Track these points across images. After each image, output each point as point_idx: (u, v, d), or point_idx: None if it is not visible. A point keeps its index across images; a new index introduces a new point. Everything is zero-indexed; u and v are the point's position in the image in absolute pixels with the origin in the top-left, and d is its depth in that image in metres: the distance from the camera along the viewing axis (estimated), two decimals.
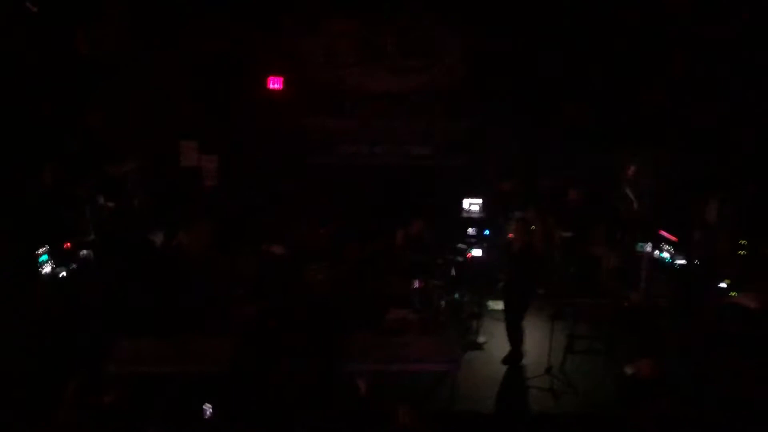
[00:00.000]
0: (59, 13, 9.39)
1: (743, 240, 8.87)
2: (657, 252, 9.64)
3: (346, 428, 5.26)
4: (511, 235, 8.70)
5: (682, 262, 9.28)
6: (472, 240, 10.84)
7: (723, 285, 8.62)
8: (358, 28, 11.23)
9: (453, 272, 9.70)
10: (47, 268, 8.14)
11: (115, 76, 10.29)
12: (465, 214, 11.16)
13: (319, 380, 6.35)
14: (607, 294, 10.05)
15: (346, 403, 5.78)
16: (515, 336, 8.17)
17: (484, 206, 11.12)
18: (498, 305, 9.19)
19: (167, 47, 10.56)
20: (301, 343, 7.24)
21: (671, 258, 9.38)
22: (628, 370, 7.59)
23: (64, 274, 8.35)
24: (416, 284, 9.12)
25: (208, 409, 5.25)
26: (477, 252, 10.32)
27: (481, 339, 8.65)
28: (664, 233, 9.72)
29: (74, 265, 8.57)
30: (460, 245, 10.42)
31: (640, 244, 9.80)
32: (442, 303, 9.11)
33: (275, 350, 7.13)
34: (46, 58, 9.21)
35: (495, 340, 8.59)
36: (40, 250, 8.11)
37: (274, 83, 11.16)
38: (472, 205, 11.11)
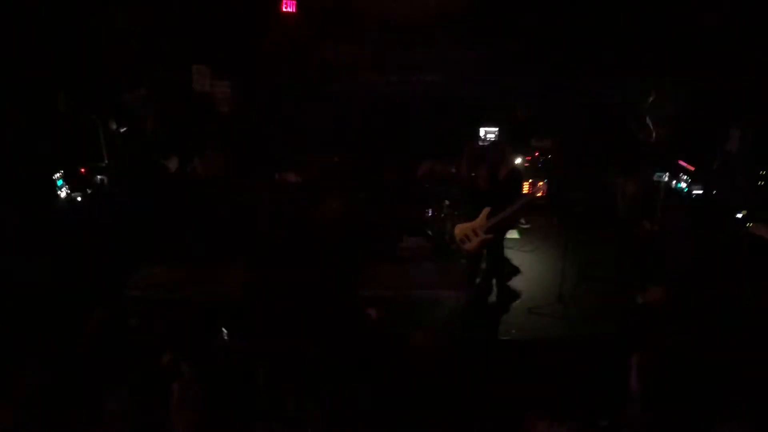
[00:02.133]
0: None
1: (763, 170, 8.73)
2: (674, 181, 9.51)
3: (357, 354, 5.36)
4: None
5: (700, 191, 9.16)
6: None
7: (739, 215, 8.54)
8: None
9: None
10: (63, 193, 8.22)
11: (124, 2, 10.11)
12: (481, 143, 11.01)
13: (332, 307, 6.44)
14: (622, 223, 10.02)
15: (357, 330, 5.88)
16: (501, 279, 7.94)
17: (500, 135, 10.95)
18: (512, 233, 9.20)
19: None
20: (314, 270, 7.31)
21: (688, 187, 9.26)
22: (640, 298, 7.67)
23: (79, 198, 8.44)
24: (430, 212, 9.13)
25: (224, 334, 5.35)
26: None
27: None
28: (682, 162, 9.58)
29: (89, 190, 8.65)
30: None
31: (658, 173, 9.67)
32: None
33: (289, 277, 7.21)
34: None
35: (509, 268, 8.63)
36: (56, 175, 8.17)
37: (288, 6, 10.91)
38: (488, 133, 10.94)
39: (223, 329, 5.37)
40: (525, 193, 7.57)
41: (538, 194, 7.48)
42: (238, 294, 6.55)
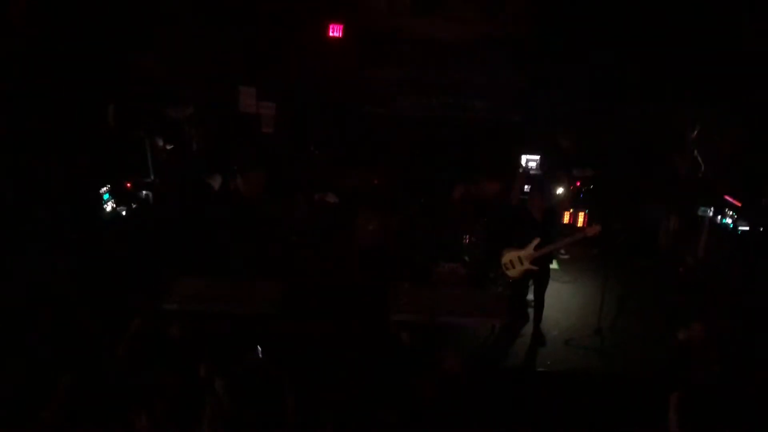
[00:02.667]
0: None
1: None
2: (719, 217, 9.30)
3: (389, 376, 5.34)
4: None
5: (746, 228, 8.93)
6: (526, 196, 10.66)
7: None
8: None
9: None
10: (109, 206, 8.42)
11: (175, 22, 10.40)
12: (522, 170, 10.96)
13: (366, 328, 6.43)
14: (665, 257, 9.84)
15: (390, 352, 5.86)
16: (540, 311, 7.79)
17: (542, 163, 10.89)
18: (552, 264, 9.08)
19: None
20: (350, 290, 7.33)
21: (734, 224, 9.04)
22: (680, 335, 7.46)
23: (125, 212, 8.63)
24: (467, 239, 9.09)
25: (258, 352, 5.38)
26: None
27: (530, 296, 8.57)
28: (728, 198, 9.37)
29: (135, 205, 8.83)
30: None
31: (702, 207, 9.48)
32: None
33: (325, 296, 7.25)
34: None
35: (546, 298, 8.51)
36: (103, 189, 8.38)
37: (334, 31, 11.07)
38: (529, 161, 10.89)
39: (258, 347, 5.40)
40: (580, 228, 7.47)
41: (591, 234, 7.38)
42: (273, 309, 6.61)
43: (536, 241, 7.32)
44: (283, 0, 10.73)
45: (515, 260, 7.45)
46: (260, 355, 5.33)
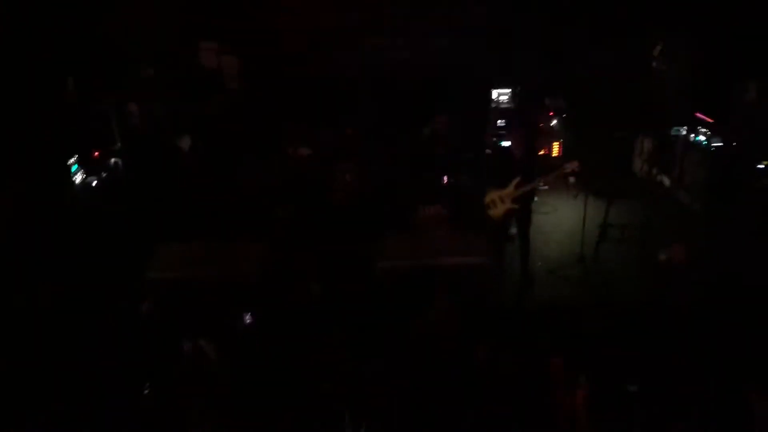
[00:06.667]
0: None
1: None
2: (693, 135, 9.33)
3: (379, 330, 5.34)
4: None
5: (719, 144, 8.99)
6: (502, 131, 10.60)
7: (761, 166, 8.40)
8: None
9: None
10: (78, 177, 8.23)
11: None
12: (494, 105, 10.84)
13: (352, 281, 6.41)
14: (641, 180, 9.91)
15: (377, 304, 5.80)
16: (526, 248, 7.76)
17: (513, 96, 10.77)
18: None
19: None
20: (331, 246, 7.27)
21: (707, 140, 9.08)
22: (662, 256, 7.59)
23: (95, 182, 8.45)
24: (445, 180, 9.04)
25: (246, 317, 5.28)
26: (507, 143, 10.13)
27: (513, 230, 8.59)
28: (700, 115, 9.39)
29: (104, 174, 8.64)
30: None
31: (675, 127, 9.50)
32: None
33: (306, 254, 7.18)
34: None
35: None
36: (71, 160, 8.17)
37: None
38: (501, 95, 10.76)
39: (247, 313, 5.31)
40: (564, 165, 7.40)
41: (570, 169, 7.35)
42: (256, 271, 6.54)
43: (516, 180, 7.28)
44: None
45: (497, 199, 7.43)
46: (248, 321, 5.26)
